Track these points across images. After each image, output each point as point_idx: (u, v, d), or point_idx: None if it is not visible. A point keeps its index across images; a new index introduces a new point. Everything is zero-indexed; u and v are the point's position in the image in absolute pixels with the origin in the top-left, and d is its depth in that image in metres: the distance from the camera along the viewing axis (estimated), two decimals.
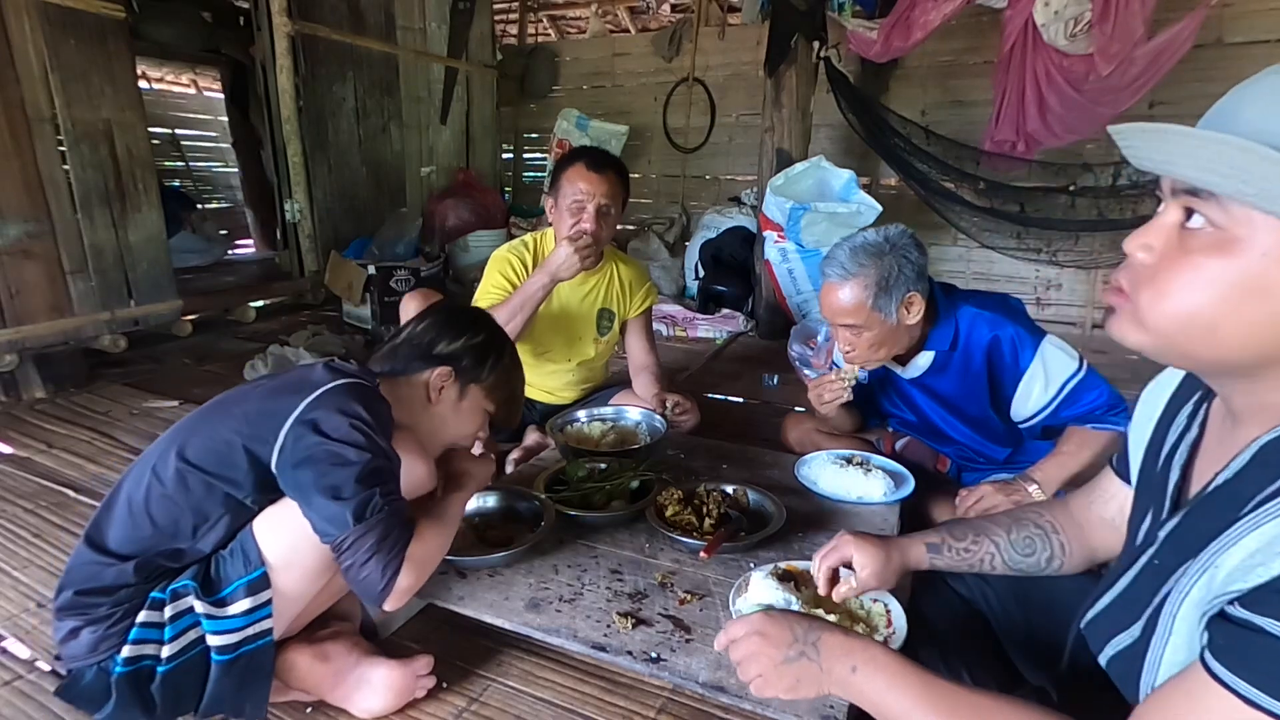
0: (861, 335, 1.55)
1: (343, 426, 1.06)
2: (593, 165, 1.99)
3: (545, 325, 2.15)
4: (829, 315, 1.59)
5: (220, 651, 1.05)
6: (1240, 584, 0.56)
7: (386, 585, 1.05)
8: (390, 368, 1.28)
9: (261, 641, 1.07)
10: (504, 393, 1.36)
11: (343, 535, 1.02)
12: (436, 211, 5.03)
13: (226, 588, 1.05)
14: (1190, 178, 0.57)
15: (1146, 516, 0.78)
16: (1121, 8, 3.10)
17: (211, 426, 1.11)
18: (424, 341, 1.30)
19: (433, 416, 1.30)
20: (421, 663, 1.21)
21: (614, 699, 1.25)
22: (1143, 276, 0.62)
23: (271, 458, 1.06)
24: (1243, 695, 0.54)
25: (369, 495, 1.03)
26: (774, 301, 4.00)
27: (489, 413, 1.36)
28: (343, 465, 1.03)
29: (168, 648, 1.04)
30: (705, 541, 1.37)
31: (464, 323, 1.34)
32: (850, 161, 4.41)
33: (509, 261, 2.13)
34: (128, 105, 3.14)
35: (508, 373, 1.37)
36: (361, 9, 4.57)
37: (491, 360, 1.32)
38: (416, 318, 1.35)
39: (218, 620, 1.05)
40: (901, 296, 1.50)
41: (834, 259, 1.55)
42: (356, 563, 1.03)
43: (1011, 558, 1.04)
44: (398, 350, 1.30)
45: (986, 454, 1.80)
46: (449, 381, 1.28)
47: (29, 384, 2.90)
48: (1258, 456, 0.61)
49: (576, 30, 6.81)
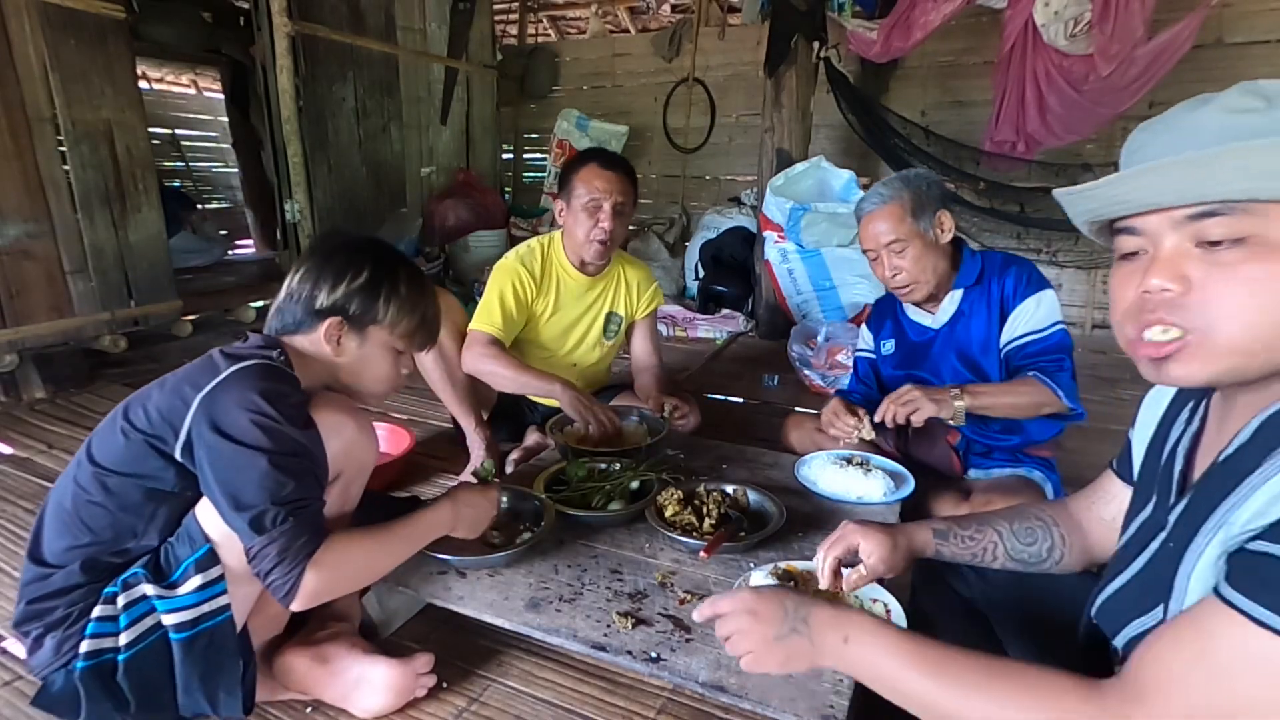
0: (905, 254, 1.69)
1: (241, 423, 1.02)
2: (606, 164, 2.00)
3: (551, 329, 2.15)
4: (871, 244, 1.73)
5: (177, 629, 1.02)
6: (1260, 522, 0.58)
7: (289, 591, 1.02)
8: (282, 325, 1.21)
9: (219, 619, 1.05)
10: (407, 325, 1.25)
11: (247, 545, 1.01)
12: (436, 211, 5.03)
13: (177, 570, 1.05)
14: (1230, 193, 0.60)
15: (1146, 507, 0.79)
16: (1121, 8, 3.10)
17: (112, 429, 1.09)
18: (304, 295, 1.19)
19: (342, 369, 1.23)
20: (421, 661, 1.21)
21: (614, 699, 1.25)
22: (1192, 309, 0.64)
23: (176, 450, 1.04)
24: (1254, 616, 0.56)
25: (265, 508, 1.00)
26: (774, 302, 4.01)
27: (399, 350, 1.27)
28: (242, 469, 1.01)
29: (125, 635, 1.02)
30: (705, 541, 1.37)
31: (341, 265, 1.20)
32: (850, 161, 4.42)
33: (517, 275, 2.06)
34: (128, 105, 3.15)
35: (405, 303, 1.24)
36: (361, 9, 4.57)
37: (382, 297, 1.21)
38: (295, 266, 1.23)
39: (170, 599, 1.03)
40: (934, 213, 1.68)
41: (868, 197, 1.74)
42: (262, 571, 1.01)
43: (1013, 546, 1.04)
44: (283, 310, 1.21)
45: (996, 436, 1.81)
46: (344, 332, 1.20)
47: (29, 384, 2.90)
48: (1260, 430, 0.64)
49: (576, 30, 6.82)
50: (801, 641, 0.83)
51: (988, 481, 1.78)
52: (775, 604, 0.86)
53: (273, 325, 1.22)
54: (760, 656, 0.86)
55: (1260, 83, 0.63)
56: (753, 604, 0.87)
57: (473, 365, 2.00)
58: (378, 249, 1.26)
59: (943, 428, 1.89)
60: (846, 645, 0.80)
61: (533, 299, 2.08)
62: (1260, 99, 0.61)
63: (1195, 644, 0.59)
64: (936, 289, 1.75)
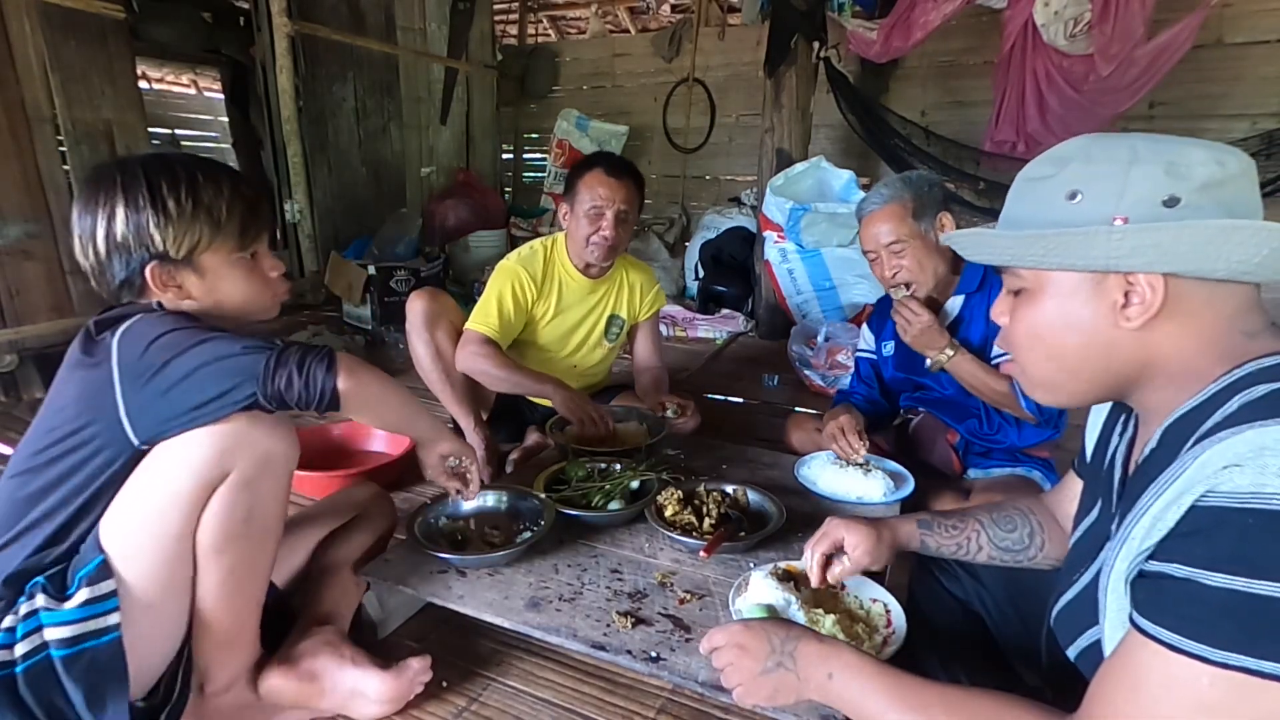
0: (906, 253, 1.69)
1: (167, 340, 0.95)
2: (611, 171, 1.98)
3: (551, 331, 2.15)
4: (872, 245, 1.73)
5: (59, 645, 0.92)
6: (1149, 542, 0.60)
7: (329, 373, 0.96)
8: (114, 291, 1.06)
9: (105, 639, 0.94)
10: (231, 229, 1.05)
11: (259, 370, 0.94)
12: (436, 212, 5.03)
13: (74, 582, 0.96)
14: (1000, 261, 0.75)
15: (1093, 510, 0.82)
16: (1121, 8, 3.10)
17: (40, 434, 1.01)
18: (100, 255, 1.02)
19: (200, 309, 1.08)
20: (416, 666, 1.17)
21: (614, 699, 1.25)
22: (1009, 343, 0.79)
23: (127, 430, 0.95)
24: (1165, 642, 0.56)
25: (256, 342, 0.93)
26: (774, 302, 4.00)
27: (242, 255, 1.09)
28: (198, 345, 0.94)
29: (20, 647, 0.93)
30: (705, 541, 1.37)
31: (104, 204, 1.01)
32: (850, 162, 4.41)
33: (517, 278, 2.03)
34: (128, 105, 3.15)
35: (206, 205, 1.03)
36: (361, 9, 4.57)
37: (176, 218, 1.01)
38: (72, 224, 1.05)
39: (55, 612, 0.94)
40: (935, 215, 1.67)
41: (869, 197, 1.74)
42: (292, 376, 0.95)
43: (995, 534, 1.07)
44: (100, 281, 1.06)
45: (994, 437, 1.81)
46: (172, 271, 1.04)
47: (29, 384, 2.90)
48: (1162, 439, 0.67)
49: (576, 30, 6.82)
50: (788, 676, 0.87)
51: (987, 481, 1.78)
52: (762, 638, 0.90)
53: (112, 297, 1.07)
54: (749, 689, 0.90)
55: (1066, 145, 0.72)
56: (741, 638, 0.91)
57: (466, 364, 1.99)
58: (126, 166, 1.03)
59: (942, 428, 1.90)
60: (830, 682, 0.84)
61: (533, 302, 2.07)
62: (1055, 165, 0.71)
63: (1128, 677, 0.60)
64: (936, 291, 1.75)
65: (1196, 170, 0.63)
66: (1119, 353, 0.69)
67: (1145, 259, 0.64)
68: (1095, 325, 0.69)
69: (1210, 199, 0.63)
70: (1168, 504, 0.59)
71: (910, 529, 1.10)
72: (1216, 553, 0.54)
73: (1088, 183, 0.67)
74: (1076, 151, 0.70)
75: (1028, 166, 0.75)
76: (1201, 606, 0.55)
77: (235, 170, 1.12)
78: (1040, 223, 0.69)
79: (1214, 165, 0.63)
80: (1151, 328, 0.67)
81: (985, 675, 1.04)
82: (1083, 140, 0.71)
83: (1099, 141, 0.70)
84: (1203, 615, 0.54)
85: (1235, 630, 0.53)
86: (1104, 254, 0.65)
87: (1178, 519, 0.58)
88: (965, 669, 1.04)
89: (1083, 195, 0.67)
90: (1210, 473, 0.56)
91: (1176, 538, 0.58)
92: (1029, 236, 0.69)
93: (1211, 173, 0.63)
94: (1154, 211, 0.64)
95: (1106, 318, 0.68)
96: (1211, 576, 0.54)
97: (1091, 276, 0.68)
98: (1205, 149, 0.65)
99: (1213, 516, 0.55)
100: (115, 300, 1.07)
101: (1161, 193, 0.63)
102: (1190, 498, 0.57)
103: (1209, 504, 0.56)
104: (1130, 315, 0.66)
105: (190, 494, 0.98)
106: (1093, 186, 0.67)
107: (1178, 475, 0.59)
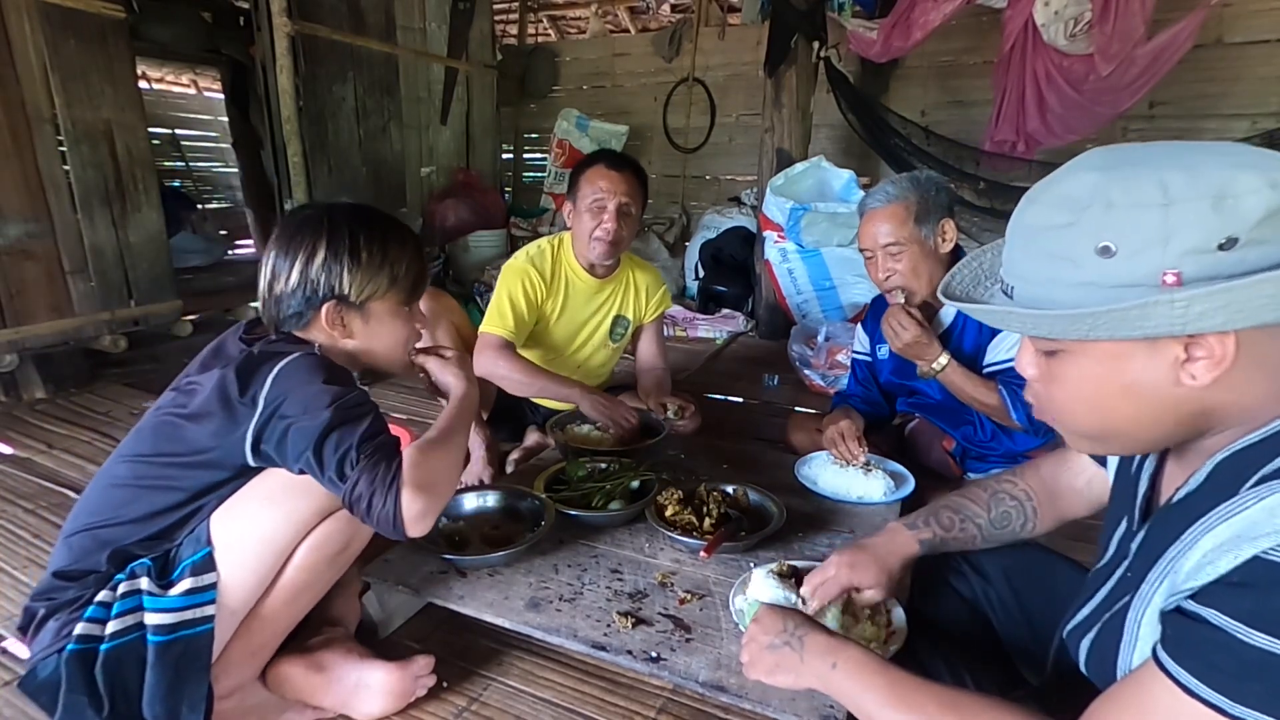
0: (902, 258, 1.66)
1: (310, 389, 1.02)
2: (612, 164, 1.99)
3: (558, 330, 2.15)
4: (869, 244, 1.70)
5: (156, 631, 1.00)
6: (1194, 582, 0.58)
7: (395, 516, 1.00)
8: (281, 318, 1.15)
9: (200, 629, 1.01)
10: (404, 285, 1.18)
11: (340, 495, 1.01)
12: (436, 211, 5.02)
13: (177, 569, 1.03)
14: (1029, 333, 0.68)
15: (1120, 525, 0.80)
16: (1121, 8, 3.10)
17: (161, 420, 1.10)
18: (287, 291, 1.12)
19: (356, 348, 1.19)
20: (420, 663, 1.19)
21: (614, 699, 1.25)
22: (1041, 399, 0.72)
23: (250, 429, 1.03)
24: (1182, 684, 0.55)
25: (344, 451, 0.99)
26: (774, 301, 4.00)
27: (406, 309, 1.21)
28: (311, 422, 1.00)
29: (112, 624, 1.00)
30: (705, 541, 1.37)
31: (305, 245, 1.12)
32: (850, 161, 4.41)
33: (527, 275, 2.02)
34: (128, 105, 3.14)
35: (391, 261, 1.15)
36: (361, 9, 4.57)
37: (365, 267, 1.13)
38: (264, 254, 1.16)
39: (158, 598, 1.01)
40: (938, 221, 1.65)
41: (874, 193, 1.71)
42: (362, 513, 1.00)
43: (990, 535, 1.09)
44: (274, 303, 1.15)
45: (990, 444, 1.81)
46: (344, 312, 1.15)
47: (29, 384, 2.90)
48: (1211, 476, 0.64)
49: (576, 30, 6.81)
50: (792, 655, 0.90)
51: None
52: (779, 619, 0.94)
53: (277, 320, 1.16)
54: (754, 660, 0.94)
55: (1071, 183, 0.62)
56: (761, 613, 0.97)
57: (486, 369, 1.93)
58: (337, 216, 1.15)
59: (938, 434, 1.89)
60: (833, 671, 0.85)
61: (543, 299, 2.06)
62: (1069, 212, 0.61)
63: (1135, 707, 0.60)
64: (931, 297, 1.72)
65: (1249, 201, 0.54)
66: (1181, 409, 0.62)
67: (1216, 321, 0.55)
68: (1154, 387, 0.62)
69: (1274, 230, 0.54)
70: (1220, 545, 0.56)
71: (906, 540, 1.09)
72: (1264, 611, 0.52)
73: (1120, 234, 0.57)
74: (1091, 193, 0.59)
75: (1028, 210, 0.65)
76: (1233, 660, 0.53)
77: (415, 234, 1.25)
78: (1070, 284, 0.60)
79: (1268, 190, 0.54)
80: (1217, 381, 0.59)
81: (988, 674, 1.04)
82: (1092, 178, 0.60)
83: (1115, 178, 0.59)
84: (1232, 669, 0.53)
85: (1263, 691, 0.51)
86: (1166, 323, 0.56)
87: (1232, 566, 0.54)
88: (969, 667, 1.04)
89: (1117, 250, 0.57)
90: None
91: (1224, 585, 0.55)
92: (1071, 316, 0.60)
93: (1267, 201, 0.54)
94: (1211, 260, 0.55)
95: (1166, 376, 0.60)
96: (1252, 634, 0.52)
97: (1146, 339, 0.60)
98: (1251, 170, 0.55)
99: (1273, 574, 0.52)
100: (274, 324, 1.16)
101: (1216, 236, 0.54)
102: (1252, 548, 0.53)
103: (1274, 559, 0.52)
104: (1196, 373, 0.59)
105: (306, 518, 1.09)
106: (1128, 238, 0.57)
107: (1234, 513, 0.56)
